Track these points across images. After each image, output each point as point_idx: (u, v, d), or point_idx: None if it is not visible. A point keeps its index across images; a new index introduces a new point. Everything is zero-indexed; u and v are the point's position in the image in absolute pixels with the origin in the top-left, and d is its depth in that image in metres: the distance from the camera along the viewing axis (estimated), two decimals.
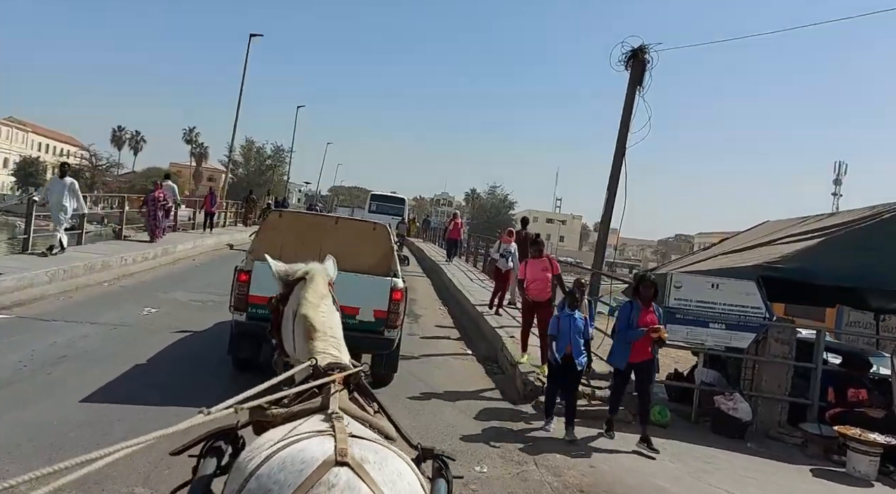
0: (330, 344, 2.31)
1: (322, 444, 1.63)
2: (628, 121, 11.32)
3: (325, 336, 2.33)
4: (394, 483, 1.61)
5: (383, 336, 7.20)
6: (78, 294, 10.93)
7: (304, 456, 1.58)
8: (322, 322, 2.38)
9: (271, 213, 8.34)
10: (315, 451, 1.60)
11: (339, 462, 1.56)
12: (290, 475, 1.54)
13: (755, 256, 8.96)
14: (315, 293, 2.48)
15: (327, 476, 1.52)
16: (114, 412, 5.78)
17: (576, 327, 6.93)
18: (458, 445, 6.10)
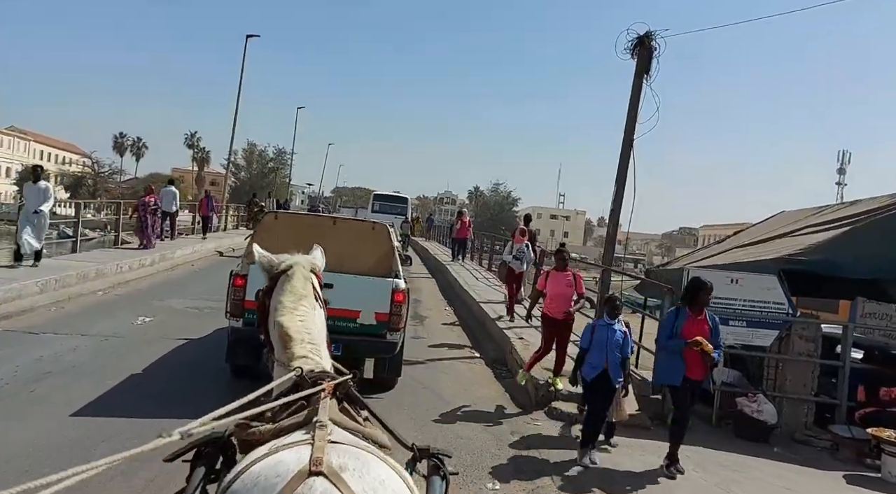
0: (308, 351, 2.14)
1: (298, 454, 1.54)
2: (635, 112, 10.85)
3: (302, 343, 2.16)
4: (375, 490, 1.52)
5: (385, 339, 6.93)
6: (70, 304, 10.57)
7: (278, 469, 1.50)
8: (298, 328, 2.21)
9: (267, 215, 7.98)
10: (290, 462, 1.51)
11: (312, 472, 1.46)
12: (264, 490, 1.46)
13: (774, 248, 8.54)
14: (292, 294, 2.32)
15: (301, 489, 1.44)
16: (98, 431, 5.40)
17: (614, 340, 6.02)
18: (467, 459, 5.71)
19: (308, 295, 2.38)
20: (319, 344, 2.26)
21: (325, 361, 2.20)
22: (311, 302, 2.38)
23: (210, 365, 7.47)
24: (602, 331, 6.09)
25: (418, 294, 16.07)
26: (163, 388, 6.73)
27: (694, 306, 6.00)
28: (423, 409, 6.97)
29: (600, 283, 10.88)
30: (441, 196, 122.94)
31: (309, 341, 2.20)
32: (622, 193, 10.89)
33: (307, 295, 2.38)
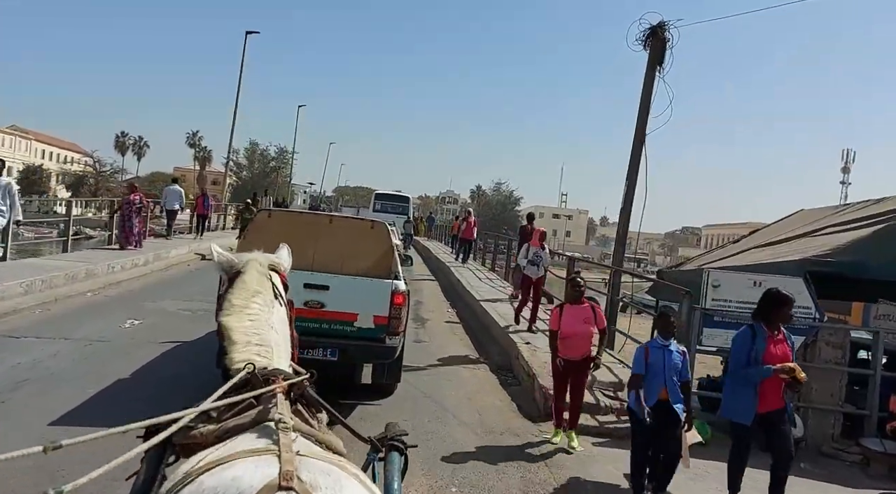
0: (255, 354, 1.94)
1: (261, 467, 1.36)
2: (648, 105, 10.44)
3: (247, 345, 1.96)
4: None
5: (384, 344, 6.53)
6: (57, 306, 10.12)
7: (239, 485, 1.31)
8: (245, 328, 2.01)
9: (260, 213, 7.55)
10: (253, 477, 1.32)
11: (283, 487, 1.29)
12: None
13: (797, 249, 8.06)
14: (244, 290, 2.14)
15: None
16: (71, 449, 4.93)
17: (672, 364, 5.22)
18: (472, 477, 5.25)
19: (263, 292, 2.20)
20: (273, 346, 2.05)
21: (280, 363, 2.01)
22: (266, 299, 2.19)
23: (200, 372, 6.98)
24: (657, 354, 5.26)
25: (419, 295, 15.62)
26: (146, 398, 6.25)
27: (772, 324, 5.18)
28: (425, 420, 6.51)
29: (610, 285, 10.44)
30: (443, 195, 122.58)
31: (257, 343, 2.00)
32: (633, 191, 10.47)
33: (262, 292, 2.19)
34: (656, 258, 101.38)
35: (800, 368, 5.00)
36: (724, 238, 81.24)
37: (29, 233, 31.03)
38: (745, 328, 5.32)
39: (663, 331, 5.38)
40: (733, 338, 5.36)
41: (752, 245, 9.67)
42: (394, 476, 2.00)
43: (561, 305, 6.69)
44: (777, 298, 5.19)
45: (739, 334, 5.29)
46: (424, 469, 5.25)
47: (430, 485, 4.99)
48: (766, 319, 5.17)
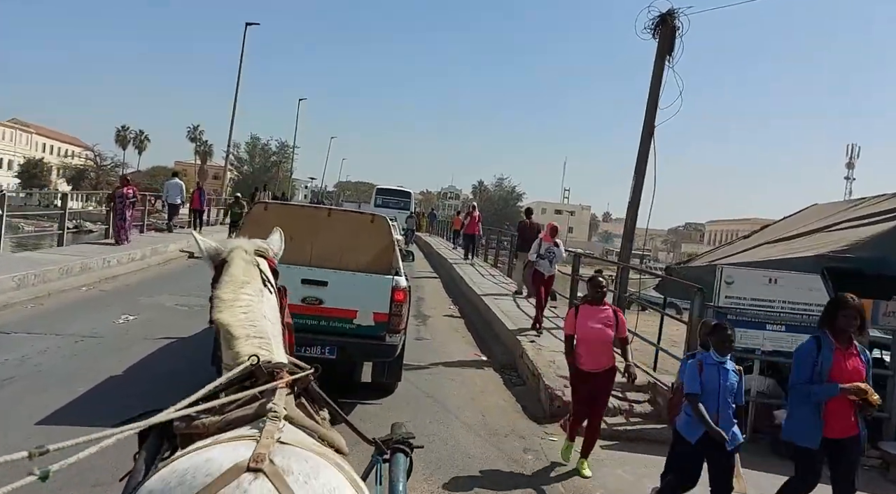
0: (258, 347, 1.86)
1: (237, 450, 1.33)
2: (657, 97, 10.16)
3: (248, 339, 1.89)
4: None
5: (385, 342, 6.31)
6: (50, 300, 9.89)
7: (209, 467, 1.28)
8: (241, 322, 1.94)
9: (256, 206, 7.32)
10: (224, 459, 1.30)
11: (251, 468, 1.26)
12: (189, 491, 1.25)
13: (813, 244, 7.78)
14: (231, 283, 2.06)
15: (230, 488, 1.23)
16: (52, 457, 4.69)
17: (727, 385, 4.48)
18: (476, 483, 5.01)
19: (251, 282, 2.12)
20: (270, 338, 1.98)
21: (279, 356, 1.94)
22: (255, 288, 2.12)
23: (196, 369, 6.71)
24: (712, 372, 4.48)
25: (421, 291, 15.37)
26: (139, 394, 5.98)
27: (841, 333, 4.45)
28: (426, 421, 6.26)
29: (618, 282, 10.18)
30: (445, 191, 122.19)
31: (255, 335, 1.93)
32: (642, 184, 10.18)
33: (249, 282, 2.12)
34: (659, 254, 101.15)
35: (872, 389, 4.29)
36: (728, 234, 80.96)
37: (29, 226, 30.82)
38: (809, 338, 4.67)
39: (720, 346, 4.55)
40: (796, 349, 4.78)
41: (764, 240, 9.39)
42: (398, 477, 1.97)
43: (576, 306, 5.83)
44: (838, 302, 4.56)
45: (803, 344, 4.68)
46: (426, 474, 5.00)
47: (432, 491, 4.75)
48: (833, 328, 4.48)
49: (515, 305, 12.40)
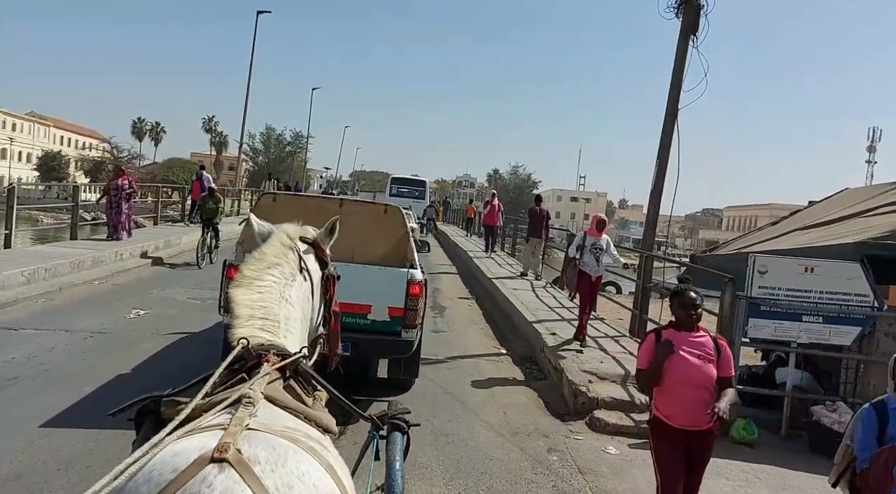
0: (258, 328, 1.84)
1: (204, 440, 1.29)
2: (680, 78, 9.72)
3: (250, 319, 1.86)
4: (290, 487, 1.27)
5: (400, 337, 6.08)
6: (61, 295, 9.73)
7: (176, 462, 1.24)
8: (252, 301, 1.90)
9: (264, 197, 7.04)
10: (190, 451, 1.26)
11: (215, 458, 1.22)
12: (155, 487, 1.21)
13: (850, 230, 7.39)
14: (260, 260, 2.05)
15: (194, 482, 1.19)
16: (56, 455, 4.50)
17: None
18: (499, 487, 4.74)
19: (282, 264, 2.09)
20: (280, 322, 1.94)
21: (288, 338, 1.92)
22: (285, 271, 2.09)
23: (207, 366, 6.51)
24: None
25: (437, 281, 15.10)
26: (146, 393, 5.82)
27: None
28: (445, 420, 5.99)
29: (641, 271, 9.83)
30: (460, 179, 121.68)
31: (261, 316, 1.89)
32: (665, 169, 9.80)
33: (280, 265, 2.08)
34: (676, 240, 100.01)
35: None
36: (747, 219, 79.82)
37: (48, 218, 30.95)
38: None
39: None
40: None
41: (796, 227, 8.98)
42: (395, 456, 1.98)
43: (656, 331, 4.00)
44: None
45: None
46: (446, 479, 4.74)
47: None
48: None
49: (535, 296, 12.09)
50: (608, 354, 7.87)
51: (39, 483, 4.10)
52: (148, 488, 1.23)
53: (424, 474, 4.73)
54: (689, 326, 3.81)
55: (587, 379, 6.82)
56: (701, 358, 3.74)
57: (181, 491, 1.19)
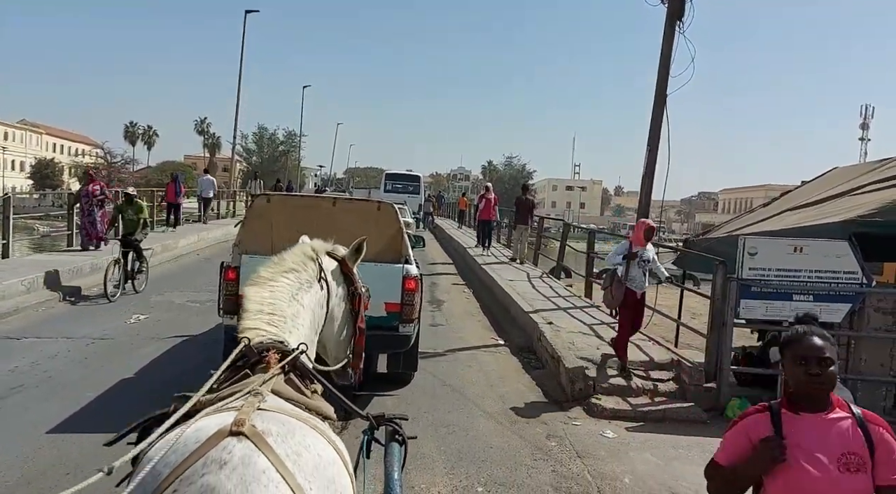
0: (265, 322, 2.02)
1: (222, 418, 1.49)
2: (668, 64, 9.78)
3: (259, 314, 2.04)
4: (299, 455, 1.48)
5: (398, 332, 6.14)
6: (60, 303, 9.80)
7: (198, 435, 1.45)
8: (260, 299, 2.09)
9: (258, 199, 7.09)
10: (210, 426, 1.47)
11: (233, 432, 1.42)
12: (181, 456, 1.40)
13: (838, 209, 7.47)
14: (274, 266, 2.26)
15: (216, 449, 1.39)
16: (61, 462, 4.58)
17: None
18: (499, 474, 4.83)
19: (299, 271, 2.29)
20: (290, 318, 2.12)
21: (293, 335, 2.08)
22: (301, 277, 2.28)
23: (206, 369, 6.62)
24: None
25: (434, 275, 15.20)
26: (145, 400, 5.86)
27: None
28: (445, 411, 6.09)
29: None
30: (454, 172, 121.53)
31: (269, 312, 2.07)
32: (655, 156, 9.87)
33: (297, 271, 2.28)
34: (673, 225, 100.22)
35: None
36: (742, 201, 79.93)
37: (44, 227, 30.85)
38: None
39: None
40: None
41: (786, 207, 9.06)
42: (393, 466, 2.03)
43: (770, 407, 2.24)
44: None
45: None
46: (447, 467, 4.84)
47: (455, 486, 4.57)
48: None
49: (531, 286, 12.19)
50: (604, 341, 7.96)
51: (49, 487, 4.19)
52: (175, 457, 1.41)
53: (426, 464, 4.83)
54: (817, 400, 2.18)
55: (584, 365, 6.91)
56: (840, 461, 2.10)
57: (205, 458, 1.39)
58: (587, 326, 8.76)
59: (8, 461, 4.54)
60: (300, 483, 1.43)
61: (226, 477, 1.36)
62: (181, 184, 19.49)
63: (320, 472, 1.51)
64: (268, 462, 1.41)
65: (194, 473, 1.37)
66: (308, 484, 1.45)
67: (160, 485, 1.38)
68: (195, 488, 1.35)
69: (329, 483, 1.52)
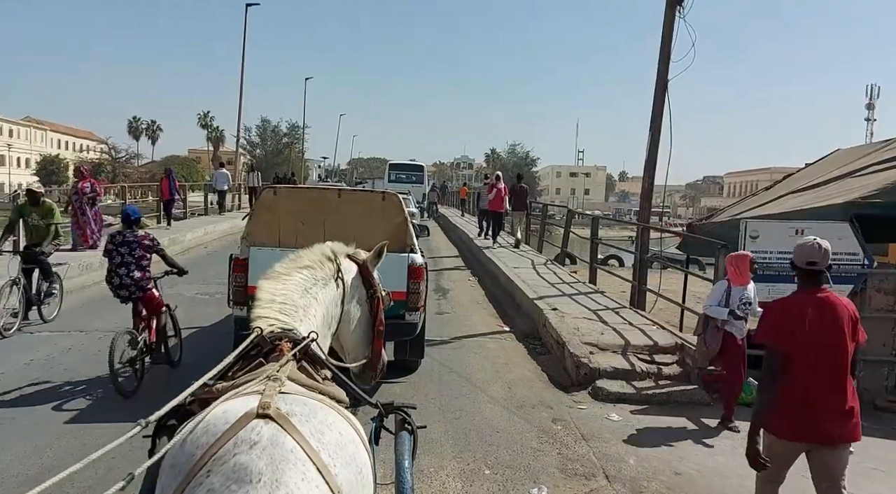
0: (277, 311, 2.13)
1: (247, 402, 1.58)
2: (668, 49, 9.79)
3: (271, 303, 2.15)
4: (322, 433, 1.58)
5: (404, 320, 6.24)
6: (71, 298, 9.91)
7: (227, 416, 1.54)
8: (272, 290, 2.20)
9: (265, 191, 7.17)
10: (237, 409, 1.56)
11: (260, 414, 1.51)
12: (212, 437, 1.50)
13: (839, 191, 7.52)
14: (291, 262, 2.36)
15: (245, 431, 1.48)
16: (84, 450, 4.69)
17: None
18: (505, 456, 4.94)
19: (315, 268, 2.38)
20: (301, 308, 2.21)
21: (304, 324, 2.16)
22: (317, 274, 2.37)
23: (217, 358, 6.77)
24: None
25: (439, 263, 15.31)
26: (160, 389, 6.03)
27: None
28: (452, 397, 6.20)
29: (639, 243, 9.98)
30: (458, 161, 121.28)
31: (281, 301, 2.17)
32: (657, 141, 9.90)
33: (314, 268, 2.38)
34: (678, 210, 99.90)
35: None
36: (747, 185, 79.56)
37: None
38: None
39: None
40: None
41: (788, 190, 9.11)
42: (404, 455, 2.09)
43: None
44: None
45: None
46: (455, 451, 4.95)
47: (462, 469, 4.68)
48: None
49: (536, 273, 12.27)
50: (609, 326, 8.05)
51: (69, 476, 4.31)
52: (206, 438, 1.50)
53: (434, 448, 4.94)
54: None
55: (588, 350, 7.01)
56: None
57: (235, 438, 1.48)
58: (592, 312, 8.84)
59: (27, 450, 4.68)
60: (325, 461, 1.52)
61: (257, 457, 1.44)
62: (175, 180, 18.39)
63: (342, 449, 1.60)
64: (294, 442, 1.49)
65: (227, 453, 1.46)
66: (332, 461, 1.54)
67: (195, 465, 1.47)
68: (228, 467, 1.44)
69: (350, 459, 1.62)
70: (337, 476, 1.53)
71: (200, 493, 1.42)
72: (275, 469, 1.44)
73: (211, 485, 1.42)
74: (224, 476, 1.43)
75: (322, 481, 1.49)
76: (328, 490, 1.49)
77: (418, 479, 4.30)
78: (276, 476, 1.43)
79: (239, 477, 1.42)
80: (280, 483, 1.42)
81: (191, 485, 1.45)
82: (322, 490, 1.48)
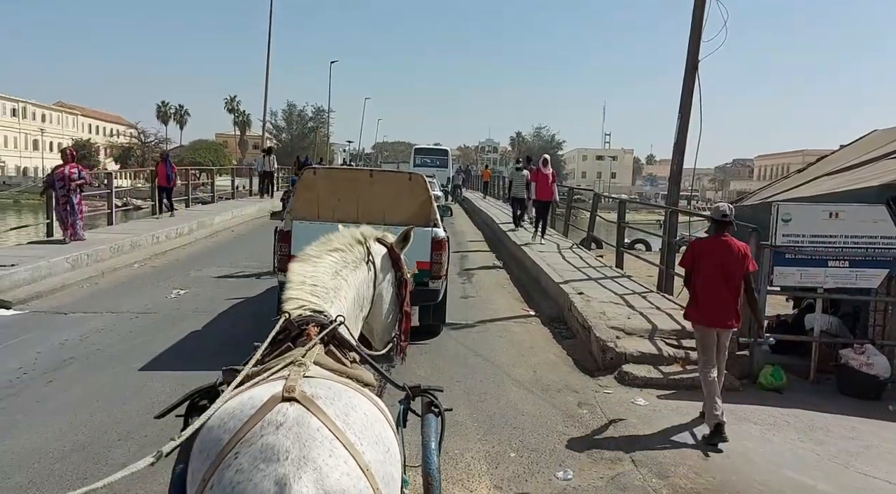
0: (309, 293, 2.18)
1: (272, 387, 1.63)
2: (699, 29, 9.57)
3: (301, 285, 2.20)
4: (346, 414, 1.60)
5: (428, 287, 6.91)
6: (104, 279, 10.15)
7: (253, 401, 1.58)
8: (303, 272, 2.26)
9: (306, 171, 7.71)
10: (263, 393, 1.60)
11: (285, 398, 1.55)
12: (237, 420, 1.54)
13: (876, 173, 7.31)
14: (321, 245, 2.42)
15: (272, 413, 1.52)
16: (114, 427, 4.82)
17: None
18: (531, 440, 4.93)
19: (345, 251, 2.43)
20: (332, 290, 2.25)
21: (334, 306, 2.21)
22: (347, 257, 2.42)
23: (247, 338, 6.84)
24: None
25: (464, 246, 15.31)
26: (193, 368, 6.11)
27: None
28: (477, 380, 6.21)
29: (667, 226, 9.85)
30: (482, 144, 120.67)
31: (311, 283, 2.21)
32: (687, 123, 9.72)
33: (344, 250, 2.42)
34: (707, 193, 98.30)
35: None
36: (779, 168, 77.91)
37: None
38: None
39: None
40: None
41: (822, 173, 8.87)
42: (430, 436, 2.12)
43: None
44: None
45: None
46: (480, 435, 4.96)
47: (487, 451, 4.70)
48: None
49: (561, 257, 12.19)
50: (635, 310, 7.97)
51: (102, 452, 4.43)
52: (234, 422, 1.54)
53: (459, 430, 4.95)
54: None
55: (615, 335, 6.95)
56: None
57: (262, 421, 1.51)
58: (618, 296, 8.76)
59: (63, 427, 4.80)
60: (350, 439, 1.55)
61: (283, 436, 1.47)
62: (172, 165, 17.09)
63: (368, 429, 1.63)
64: (320, 422, 1.52)
65: (254, 435, 1.49)
66: (358, 440, 1.57)
67: (223, 449, 1.50)
68: (256, 448, 1.47)
69: (377, 438, 1.64)
70: (364, 453, 1.56)
71: (230, 473, 1.46)
72: (301, 446, 1.47)
73: (240, 466, 1.45)
74: (252, 456, 1.46)
75: (350, 457, 1.52)
76: (356, 465, 1.52)
77: (444, 461, 4.32)
78: (304, 452, 1.46)
79: (267, 456, 1.44)
80: (308, 460, 1.45)
81: (220, 467, 1.48)
82: (350, 465, 1.51)
